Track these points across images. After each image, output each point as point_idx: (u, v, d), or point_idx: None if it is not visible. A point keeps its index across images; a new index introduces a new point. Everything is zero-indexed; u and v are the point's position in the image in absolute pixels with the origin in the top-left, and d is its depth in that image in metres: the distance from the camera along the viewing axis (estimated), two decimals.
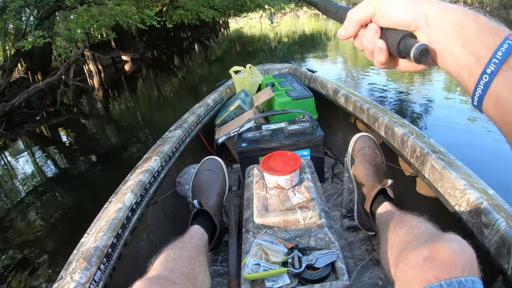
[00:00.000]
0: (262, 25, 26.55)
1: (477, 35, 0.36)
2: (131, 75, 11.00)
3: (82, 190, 3.48)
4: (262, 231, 1.01)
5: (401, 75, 6.28)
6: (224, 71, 8.81)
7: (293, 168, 1.12)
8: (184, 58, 13.96)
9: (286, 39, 16.43)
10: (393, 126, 1.33)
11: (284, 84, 2.19)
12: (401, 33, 0.41)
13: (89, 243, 0.92)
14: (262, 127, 1.67)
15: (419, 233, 0.75)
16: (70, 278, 0.81)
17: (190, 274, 0.81)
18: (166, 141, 1.52)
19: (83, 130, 5.82)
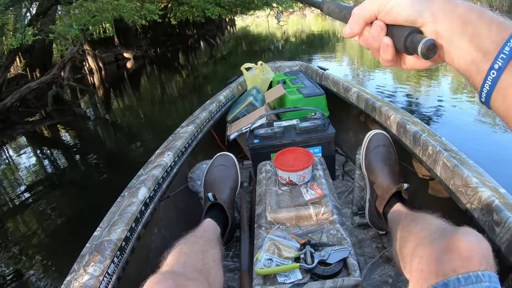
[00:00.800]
0: (269, 23, 26.18)
1: (484, 30, 0.36)
2: (133, 73, 10.71)
3: (77, 193, 3.41)
4: (274, 226, 1.01)
5: (407, 76, 6.25)
6: (229, 70, 8.60)
7: (306, 165, 1.13)
8: (189, 56, 13.62)
9: (294, 39, 16.09)
10: (405, 124, 1.33)
11: (295, 81, 2.19)
12: (407, 29, 0.41)
13: (102, 236, 0.93)
14: (273, 124, 1.68)
15: (434, 228, 0.75)
16: (84, 270, 0.82)
17: (203, 269, 0.81)
18: (179, 137, 1.53)
19: (80, 131, 5.50)
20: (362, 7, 0.44)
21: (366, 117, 1.70)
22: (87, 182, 3.55)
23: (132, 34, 14.26)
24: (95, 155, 4.22)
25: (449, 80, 6.04)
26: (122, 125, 5.62)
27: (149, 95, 7.60)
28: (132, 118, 5.92)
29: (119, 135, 5.09)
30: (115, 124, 5.68)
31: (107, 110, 6.64)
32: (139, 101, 7.07)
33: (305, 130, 1.56)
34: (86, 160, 4.22)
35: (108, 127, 5.57)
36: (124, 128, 5.37)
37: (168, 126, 4.61)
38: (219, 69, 9.92)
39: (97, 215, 1.10)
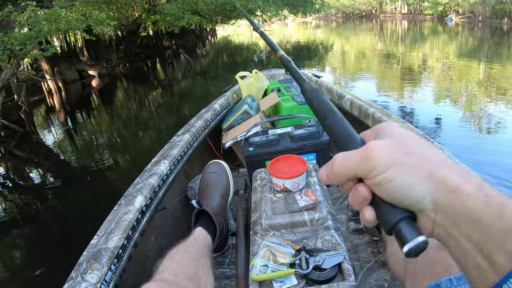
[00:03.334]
0: (251, 33, 25.21)
1: (497, 238, 0.28)
2: (101, 92, 9.45)
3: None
4: (270, 233, 1.03)
5: (392, 85, 6.37)
6: (210, 86, 7.96)
7: (300, 172, 1.15)
8: (165, 70, 12.48)
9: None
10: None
11: (289, 89, 2.22)
12: (398, 214, 0.33)
13: (99, 244, 0.94)
14: (268, 131, 1.70)
15: None
16: (81, 278, 0.83)
17: (194, 277, 0.83)
18: (174, 145, 1.54)
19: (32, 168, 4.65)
20: (348, 163, 0.35)
21: (360, 124, 1.73)
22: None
23: (102, 46, 12.88)
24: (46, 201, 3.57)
25: (432, 86, 6.19)
26: (84, 159, 4.66)
27: (117, 118, 6.70)
28: (97, 148, 5.06)
29: (79, 172, 4.23)
30: (75, 158, 4.75)
31: (66, 139, 5.64)
32: (105, 126, 6.20)
33: (300, 138, 1.58)
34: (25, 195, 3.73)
35: (64, 164, 4.61)
36: (88, 165, 4.41)
37: (140, 155, 4.24)
38: (197, 86, 8.94)
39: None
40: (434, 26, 21.59)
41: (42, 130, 6.34)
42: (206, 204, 1.19)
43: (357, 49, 13.51)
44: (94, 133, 5.82)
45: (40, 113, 7.68)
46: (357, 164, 0.34)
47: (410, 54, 10.56)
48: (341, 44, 15.27)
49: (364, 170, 0.33)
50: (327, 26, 30.35)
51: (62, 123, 6.74)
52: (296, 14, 18.49)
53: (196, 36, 22.25)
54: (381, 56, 10.64)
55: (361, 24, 28.07)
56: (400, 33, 19.50)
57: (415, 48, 12.17)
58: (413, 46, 12.83)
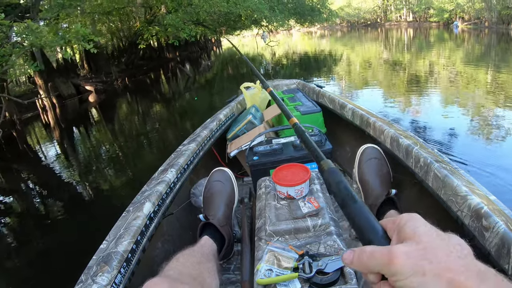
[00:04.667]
0: (257, 43, 24.79)
1: None
2: (97, 108, 9.03)
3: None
4: (274, 238, 1.06)
5: (397, 94, 6.32)
6: (215, 101, 7.68)
7: (303, 179, 1.18)
8: (167, 84, 12.03)
9: (285, 60, 14.52)
10: (398, 138, 1.39)
11: (293, 99, 2.26)
12: None
13: (109, 248, 0.98)
14: (272, 141, 1.74)
15: None
16: (92, 280, 0.86)
17: (198, 277, 0.86)
18: (181, 154, 1.59)
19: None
20: (374, 258, 0.37)
21: (362, 133, 1.76)
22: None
23: (103, 59, 12.55)
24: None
25: (439, 94, 6.16)
26: (79, 178, 4.49)
27: (114, 136, 6.45)
28: (92, 167, 4.87)
29: (72, 191, 4.12)
30: (69, 177, 4.56)
31: (60, 158, 5.45)
32: (101, 144, 5.98)
33: (303, 147, 1.61)
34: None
35: (57, 184, 4.40)
36: (82, 184, 4.30)
37: (136, 174, 4.16)
38: (201, 100, 8.57)
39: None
40: (440, 33, 21.56)
41: (35, 148, 6.21)
42: (212, 215, 1.21)
43: (362, 58, 13.52)
44: (89, 151, 5.68)
45: (33, 131, 7.52)
46: (381, 265, 0.36)
47: (416, 62, 10.56)
48: (347, 54, 15.24)
49: (387, 272, 0.35)
50: (332, 35, 30.44)
51: (56, 140, 6.60)
52: (303, 24, 18.31)
53: (200, 47, 22.08)
54: (387, 65, 10.64)
55: (366, 33, 28.13)
56: (406, 41, 19.49)
57: (421, 56, 12.17)
58: (419, 54, 12.83)
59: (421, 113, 5.17)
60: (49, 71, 9.46)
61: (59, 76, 9.79)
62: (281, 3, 14.58)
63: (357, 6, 43.31)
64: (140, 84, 12.04)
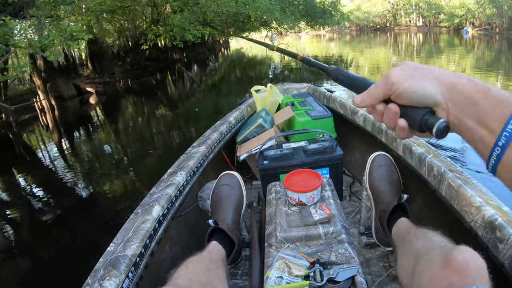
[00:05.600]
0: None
1: (488, 110, 0.40)
2: (98, 111, 8.79)
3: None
4: (285, 245, 1.05)
5: None
6: (220, 105, 7.49)
7: (315, 186, 1.17)
8: (171, 87, 11.69)
9: (294, 63, 13.91)
10: (411, 146, 1.37)
11: (303, 103, 2.25)
12: (421, 111, 0.46)
13: (117, 251, 0.97)
14: (283, 145, 1.73)
15: (433, 246, 0.79)
16: (99, 284, 0.84)
17: (208, 285, 0.85)
18: (191, 157, 1.58)
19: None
20: (377, 87, 0.50)
21: (373, 139, 1.74)
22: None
23: (108, 59, 12.32)
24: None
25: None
26: (76, 182, 4.35)
27: (113, 139, 6.26)
28: (90, 171, 4.69)
29: (70, 195, 4.00)
30: (67, 181, 4.39)
31: (57, 161, 5.28)
32: (101, 149, 5.78)
33: (314, 152, 1.60)
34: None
35: (54, 188, 4.32)
36: (79, 188, 4.19)
37: (137, 184, 4.06)
38: (208, 103, 8.38)
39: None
40: (450, 39, 21.42)
41: (32, 152, 6.03)
42: (221, 220, 1.20)
43: (371, 62, 13.45)
44: (88, 155, 5.54)
45: (31, 134, 7.22)
46: (382, 87, 0.49)
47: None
48: (356, 58, 15.18)
49: (388, 88, 0.48)
50: (341, 39, 30.36)
51: (55, 143, 6.41)
52: (314, 27, 18.15)
53: (208, 48, 21.77)
54: None
55: (375, 37, 28.03)
56: (416, 46, 19.39)
57: (431, 61, 12.09)
58: (429, 59, 12.75)
59: None
60: (49, 70, 9.18)
61: (60, 76, 9.51)
62: (292, 5, 14.27)
63: (366, 9, 43.24)
64: (144, 86, 11.73)
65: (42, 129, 7.50)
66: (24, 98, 8.20)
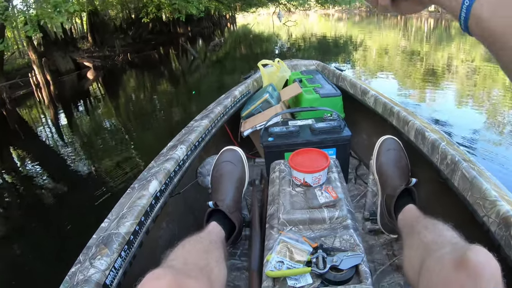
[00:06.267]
0: (273, 22, 23.00)
1: None
2: (96, 85, 8.42)
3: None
4: (287, 228, 0.99)
5: (419, 90, 6.18)
6: (220, 83, 7.33)
7: (322, 167, 1.10)
8: (173, 62, 11.22)
9: (302, 42, 13.80)
10: (424, 131, 1.30)
11: (312, 81, 2.17)
12: None
13: (110, 228, 0.91)
14: (288, 122, 1.65)
15: (444, 241, 0.75)
16: (90, 263, 0.80)
17: (205, 267, 0.79)
18: (192, 130, 1.51)
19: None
20: None
21: (383, 122, 1.67)
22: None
23: (109, 31, 11.96)
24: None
25: (455, 89, 6.01)
26: (73, 160, 4.19)
27: (111, 115, 6.04)
28: (87, 149, 4.48)
29: (65, 173, 3.85)
30: (63, 160, 4.22)
31: (53, 138, 5.09)
32: (98, 125, 5.57)
33: (321, 131, 1.53)
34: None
35: (50, 166, 4.16)
36: (75, 166, 4.01)
37: (134, 161, 3.87)
38: (210, 80, 8.03)
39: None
40: None
41: (26, 128, 5.78)
42: (221, 200, 1.12)
43: (380, 45, 13.22)
44: (85, 132, 5.35)
45: (26, 110, 6.97)
46: None
47: (435, 54, 10.29)
48: (364, 39, 14.90)
49: None
50: (350, 19, 29.78)
51: (51, 120, 6.18)
52: (324, 5, 17.73)
53: (214, 23, 21.11)
54: (404, 54, 10.39)
55: (385, 20, 27.49)
56: (426, 31, 19.06)
57: (440, 48, 11.86)
58: (438, 45, 12.51)
59: (434, 105, 5.05)
60: (46, 44, 8.81)
61: (57, 50, 9.05)
62: None
63: None
64: (145, 60, 11.26)
65: (37, 105, 7.28)
66: (21, 72, 7.90)
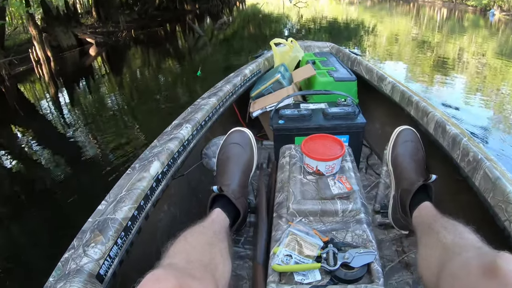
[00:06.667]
0: (283, 2, 22.28)
1: None
2: (98, 62, 8.14)
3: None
4: (296, 218, 0.93)
5: (428, 80, 6.05)
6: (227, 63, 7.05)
7: (337, 155, 1.03)
8: (178, 40, 10.80)
9: (313, 25, 12.99)
10: (445, 125, 1.22)
11: (325, 63, 2.07)
12: None
13: (107, 213, 0.85)
14: (300, 105, 1.57)
15: (467, 244, 0.69)
16: (83, 251, 0.74)
17: (210, 264, 0.72)
18: (199, 109, 1.42)
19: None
20: None
21: (399, 111, 1.58)
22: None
23: (114, 6, 11.55)
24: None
25: (464, 82, 5.87)
26: (74, 141, 4.02)
27: (113, 95, 5.76)
28: (90, 128, 4.30)
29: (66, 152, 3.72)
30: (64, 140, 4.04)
31: (54, 117, 4.91)
32: (99, 103, 5.38)
33: (334, 116, 1.45)
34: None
35: (50, 146, 3.96)
36: (79, 147, 3.84)
37: (134, 140, 3.78)
38: (216, 59, 7.71)
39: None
40: (476, 19, 20.54)
41: (26, 105, 5.52)
42: (226, 185, 1.03)
43: (391, 32, 12.95)
44: (86, 109, 5.13)
45: (26, 87, 6.71)
46: None
47: (446, 45, 10.09)
48: (375, 25, 14.57)
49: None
50: (362, 3, 29.22)
51: (51, 97, 5.93)
52: None
53: (222, 1, 20.39)
54: (415, 42, 10.16)
55: (397, 6, 26.98)
56: (438, 20, 18.71)
57: (452, 39, 11.62)
58: (450, 36, 12.26)
59: (442, 97, 4.93)
60: (48, 19, 8.52)
61: (59, 25, 8.62)
62: None
63: None
64: (150, 37, 10.84)
65: (37, 81, 6.98)
66: (23, 47, 7.63)
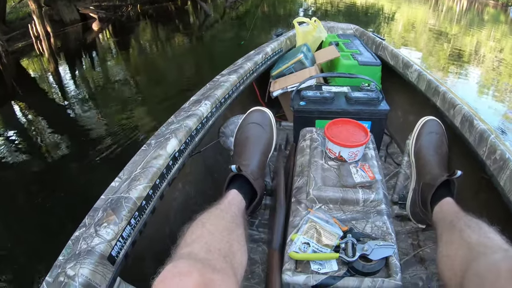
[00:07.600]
0: None
1: None
2: (102, 38, 7.86)
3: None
4: (316, 205, 0.89)
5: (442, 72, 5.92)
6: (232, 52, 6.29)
7: (362, 142, 0.99)
8: (193, 15, 10.32)
9: (330, 7, 12.43)
10: (473, 119, 1.17)
11: (349, 45, 2.00)
12: None
13: (120, 191, 0.81)
14: (322, 87, 1.51)
15: (494, 245, 0.66)
16: (95, 230, 0.71)
17: (229, 253, 0.68)
18: (219, 86, 1.37)
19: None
20: None
21: (424, 100, 1.53)
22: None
23: None
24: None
25: (478, 77, 5.71)
26: (74, 119, 3.89)
27: (116, 72, 5.50)
28: (92, 108, 4.11)
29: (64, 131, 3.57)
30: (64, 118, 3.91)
31: (55, 97, 4.71)
32: (103, 81, 5.15)
33: (357, 101, 1.40)
34: None
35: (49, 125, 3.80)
36: (82, 127, 3.68)
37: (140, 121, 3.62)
38: (226, 38, 7.47)
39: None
40: (496, 14, 19.96)
41: (24, 83, 5.31)
42: (245, 165, 1.00)
43: (408, 19, 12.65)
44: (88, 88, 4.91)
45: (25, 64, 6.40)
46: None
47: (463, 37, 9.86)
48: (392, 11, 14.19)
49: None
50: None
51: (52, 74, 5.69)
52: None
53: None
54: (432, 32, 9.93)
55: None
56: (457, 12, 18.30)
57: (470, 32, 11.35)
58: (468, 29, 11.97)
59: (455, 89, 4.83)
60: None
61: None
62: None
63: None
64: (158, 13, 10.31)
65: (35, 58, 6.66)
66: (26, 21, 7.31)
